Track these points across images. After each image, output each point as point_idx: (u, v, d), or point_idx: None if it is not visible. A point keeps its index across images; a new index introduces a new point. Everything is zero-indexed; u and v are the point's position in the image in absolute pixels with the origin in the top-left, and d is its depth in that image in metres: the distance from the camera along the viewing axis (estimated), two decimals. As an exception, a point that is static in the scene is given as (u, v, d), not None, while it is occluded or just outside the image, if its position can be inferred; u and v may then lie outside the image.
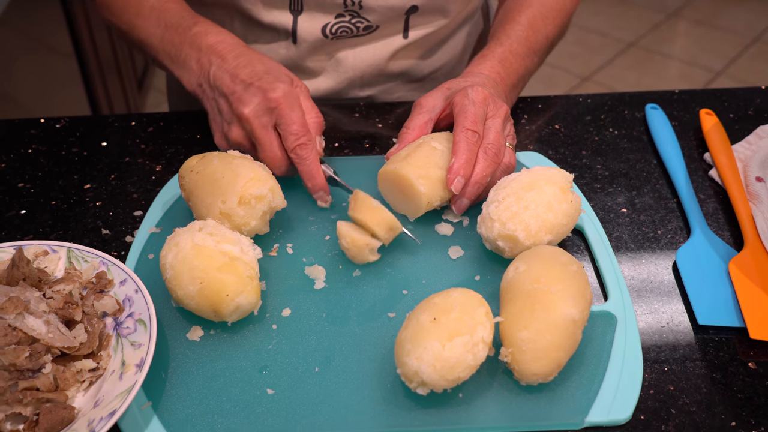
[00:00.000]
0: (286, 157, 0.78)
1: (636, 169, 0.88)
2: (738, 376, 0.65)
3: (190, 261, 0.65)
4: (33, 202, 0.82)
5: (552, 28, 0.95)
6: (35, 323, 0.61)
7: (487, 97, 0.77)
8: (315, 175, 0.77)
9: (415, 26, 0.98)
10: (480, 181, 0.75)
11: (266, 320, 0.68)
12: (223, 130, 0.80)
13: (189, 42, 0.83)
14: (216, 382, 0.63)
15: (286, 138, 0.76)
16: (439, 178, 0.74)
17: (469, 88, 0.78)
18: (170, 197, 0.81)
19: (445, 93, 0.81)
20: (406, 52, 1.00)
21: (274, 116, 0.76)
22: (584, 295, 0.64)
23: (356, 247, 0.70)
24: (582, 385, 0.63)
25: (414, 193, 0.74)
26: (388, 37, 0.97)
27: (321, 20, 0.93)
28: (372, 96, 1.03)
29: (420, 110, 0.81)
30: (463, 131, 0.74)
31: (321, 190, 0.78)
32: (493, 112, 0.78)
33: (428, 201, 0.74)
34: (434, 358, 0.58)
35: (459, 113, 0.76)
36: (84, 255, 0.69)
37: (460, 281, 0.72)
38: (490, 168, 0.75)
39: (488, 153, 0.75)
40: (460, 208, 0.76)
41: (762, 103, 0.99)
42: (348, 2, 0.92)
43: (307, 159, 0.76)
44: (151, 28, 0.87)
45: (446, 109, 0.80)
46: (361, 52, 0.97)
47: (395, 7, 0.93)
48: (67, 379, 0.61)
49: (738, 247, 0.78)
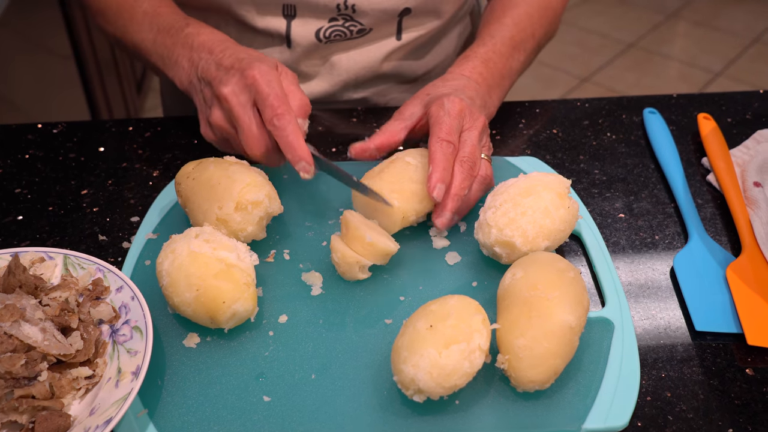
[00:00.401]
0: (266, 136, 0.75)
1: (634, 174, 0.88)
2: (735, 383, 0.65)
3: (187, 268, 0.65)
4: (30, 208, 0.82)
5: (538, 27, 0.95)
6: (31, 331, 0.61)
7: (464, 108, 0.77)
8: (295, 145, 0.72)
9: (408, 28, 0.98)
10: (458, 193, 0.74)
11: (263, 327, 0.68)
12: (207, 118, 0.79)
13: (181, 42, 0.82)
14: (212, 390, 0.63)
15: (263, 111, 0.73)
16: (413, 192, 0.73)
17: (445, 98, 0.77)
18: (167, 203, 0.80)
19: (423, 99, 0.81)
20: (399, 53, 1.00)
21: (252, 93, 0.74)
22: (581, 302, 0.63)
23: (346, 264, 0.70)
24: (579, 391, 0.63)
25: (388, 207, 0.73)
26: (381, 39, 0.98)
27: (314, 24, 0.94)
28: (365, 98, 1.03)
29: (397, 116, 0.80)
30: (438, 141, 0.74)
31: (302, 161, 0.72)
32: (470, 124, 0.77)
33: (403, 215, 0.73)
34: (431, 366, 0.58)
35: (434, 124, 0.75)
36: (80, 262, 0.69)
37: (457, 287, 0.72)
38: (467, 181, 0.74)
39: (464, 166, 0.74)
40: (443, 222, 0.74)
41: (760, 107, 0.99)
42: (341, 6, 0.92)
43: (284, 129, 0.72)
44: (144, 32, 0.87)
45: (423, 118, 0.80)
46: (354, 55, 0.98)
47: (388, 9, 0.93)
48: (63, 387, 0.61)
49: (736, 252, 0.78)
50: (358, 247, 0.69)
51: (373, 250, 0.69)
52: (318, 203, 0.81)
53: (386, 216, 0.73)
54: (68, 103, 2.04)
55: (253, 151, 0.75)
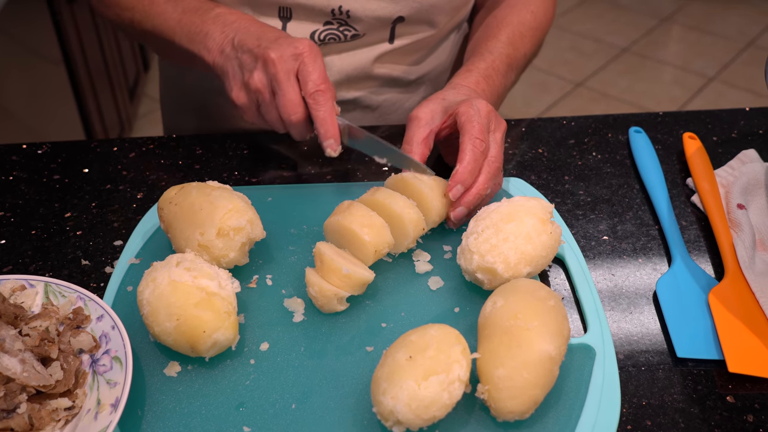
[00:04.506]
0: (303, 104, 0.78)
1: (618, 195, 0.88)
2: (716, 411, 0.65)
3: (167, 297, 0.65)
4: (13, 232, 0.81)
5: (529, 46, 0.96)
6: (10, 362, 0.61)
7: (491, 111, 0.79)
8: (329, 122, 0.77)
9: (402, 35, 0.99)
10: (480, 192, 0.76)
11: (244, 354, 0.68)
12: (243, 80, 0.80)
13: (212, 20, 0.84)
14: (193, 420, 0.63)
15: (305, 84, 0.77)
16: (383, 225, 0.73)
17: (473, 99, 0.79)
18: (150, 227, 0.80)
19: (442, 104, 0.81)
20: (391, 56, 1.01)
21: (297, 63, 0.77)
22: (561, 331, 0.63)
23: (324, 297, 0.69)
24: (559, 420, 0.63)
25: (359, 242, 0.72)
26: (373, 44, 0.98)
27: (309, 27, 0.94)
28: (359, 97, 1.04)
29: (419, 123, 0.80)
30: (471, 139, 0.75)
31: (332, 138, 0.78)
32: (495, 126, 0.79)
33: (375, 249, 0.72)
34: (409, 398, 0.58)
35: (466, 122, 0.76)
36: (62, 290, 0.69)
37: (439, 313, 0.72)
38: (490, 181, 0.77)
39: (491, 167, 0.76)
40: (457, 217, 0.76)
41: (746, 125, 0.99)
42: (335, 11, 0.92)
43: (324, 105, 0.77)
44: (167, 14, 0.88)
45: (447, 120, 0.80)
46: (346, 56, 0.98)
47: (382, 17, 0.94)
48: (43, 418, 0.61)
49: (719, 276, 0.78)
50: (334, 279, 0.69)
51: (351, 282, 0.69)
52: (301, 227, 0.81)
53: (359, 249, 0.73)
54: (59, 108, 2.03)
55: (289, 116, 0.78)
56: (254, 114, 0.82)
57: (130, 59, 2.68)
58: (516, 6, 0.99)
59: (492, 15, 1.00)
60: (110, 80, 2.38)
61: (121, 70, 2.54)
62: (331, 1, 0.91)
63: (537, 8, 0.99)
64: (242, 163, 0.92)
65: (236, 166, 0.92)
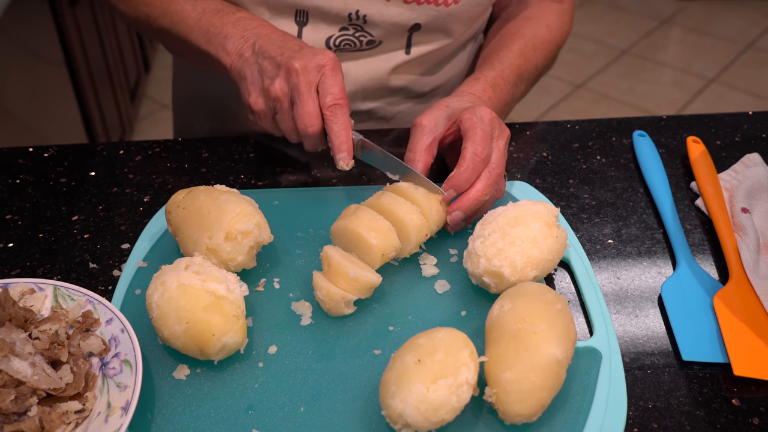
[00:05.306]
0: (321, 117, 0.79)
1: (623, 199, 0.88)
2: (722, 413, 0.65)
3: (176, 301, 0.65)
4: (21, 235, 0.82)
5: (541, 58, 0.97)
6: (21, 366, 0.61)
7: (494, 118, 0.79)
8: (344, 135, 0.78)
9: (418, 44, 0.99)
10: (478, 198, 0.76)
11: (253, 357, 0.69)
12: (263, 87, 0.80)
13: (232, 23, 0.85)
14: (202, 423, 0.63)
15: (324, 96, 0.78)
16: (390, 229, 0.73)
17: (477, 107, 0.79)
18: (158, 230, 0.81)
19: (446, 111, 0.81)
20: (407, 67, 1.01)
21: (319, 76, 0.78)
22: (568, 335, 0.64)
23: (332, 301, 0.70)
24: (566, 424, 0.63)
25: (366, 246, 0.72)
26: (390, 52, 0.98)
27: (325, 32, 0.94)
28: (374, 109, 1.04)
29: (422, 131, 0.80)
30: (472, 146, 0.75)
31: (345, 152, 0.78)
32: (498, 134, 0.79)
33: (382, 253, 0.72)
34: (418, 401, 0.58)
35: (469, 128, 0.77)
36: (71, 293, 0.69)
37: (447, 317, 0.72)
38: (489, 188, 0.76)
39: (492, 173, 0.77)
40: (453, 221, 0.76)
41: (749, 129, 0.99)
42: (352, 16, 0.93)
43: (341, 118, 0.78)
44: (186, 11, 0.88)
45: (451, 127, 0.80)
46: (363, 65, 0.98)
47: (399, 23, 0.94)
48: (53, 421, 0.61)
49: (724, 279, 0.78)
50: (342, 283, 0.69)
51: (358, 285, 0.70)
52: (308, 230, 0.81)
53: (366, 253, 0.73)
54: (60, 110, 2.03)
55: (305, 128, 0.78)
56: (269, 121, 0.82)
57: (131, 61, 2.69)
58: (532, 19, 0.99)
59: (506, 27, 1.00)
60: (111, 81, 2.38)
61: (123, 72, 2.54)
62: (348, 6, 0.92)
63: (552, 22, 1.00)
64: (248, 167, 0.92)
65: (242, 169, 0.92)
